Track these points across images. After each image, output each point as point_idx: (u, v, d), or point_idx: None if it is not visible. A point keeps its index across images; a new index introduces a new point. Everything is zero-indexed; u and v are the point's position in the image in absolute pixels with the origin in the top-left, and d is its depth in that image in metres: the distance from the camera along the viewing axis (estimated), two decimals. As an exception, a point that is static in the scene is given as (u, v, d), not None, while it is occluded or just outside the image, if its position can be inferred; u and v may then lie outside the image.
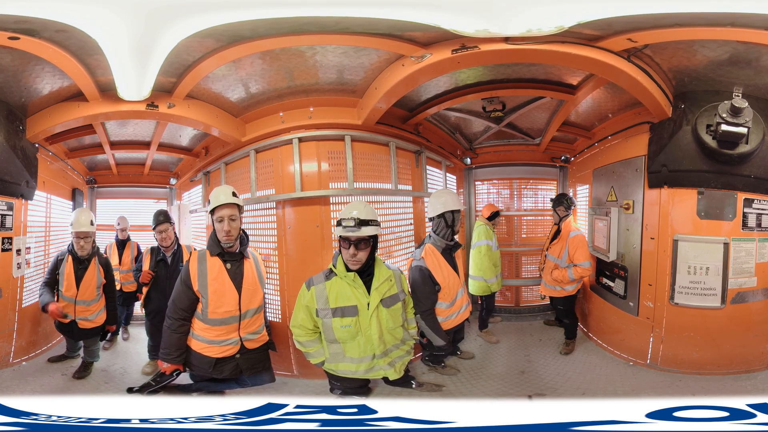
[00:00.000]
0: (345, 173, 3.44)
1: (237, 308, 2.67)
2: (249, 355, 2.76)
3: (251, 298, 2.75)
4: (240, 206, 2.70)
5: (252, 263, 2.82)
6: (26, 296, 3.58)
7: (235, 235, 2.66)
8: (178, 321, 2.66)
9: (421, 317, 3.02)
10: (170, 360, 2.66)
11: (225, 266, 2.68)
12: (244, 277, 2.72)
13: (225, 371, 2.69)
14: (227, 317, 2.65)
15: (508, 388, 3.26)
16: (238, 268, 2.72)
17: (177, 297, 2.68)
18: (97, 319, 3.49)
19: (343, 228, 2.50)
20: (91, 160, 4.57)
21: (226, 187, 2.74)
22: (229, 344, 2.67)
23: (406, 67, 2.83)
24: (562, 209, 4.08)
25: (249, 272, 2.77)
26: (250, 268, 2.79)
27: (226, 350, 2.67)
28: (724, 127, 2.86)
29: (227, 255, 2.70)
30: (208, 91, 3.26)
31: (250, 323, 2.75)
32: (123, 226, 4.31)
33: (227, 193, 2.67)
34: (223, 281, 2.66)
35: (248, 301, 2.73)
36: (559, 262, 4.00)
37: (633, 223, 3.58)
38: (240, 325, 2.69)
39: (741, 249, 3.14)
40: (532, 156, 4.70)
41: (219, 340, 2.65)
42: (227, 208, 2.63)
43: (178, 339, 2.66)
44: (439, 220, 3.22)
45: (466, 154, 4.80)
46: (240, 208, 2.70)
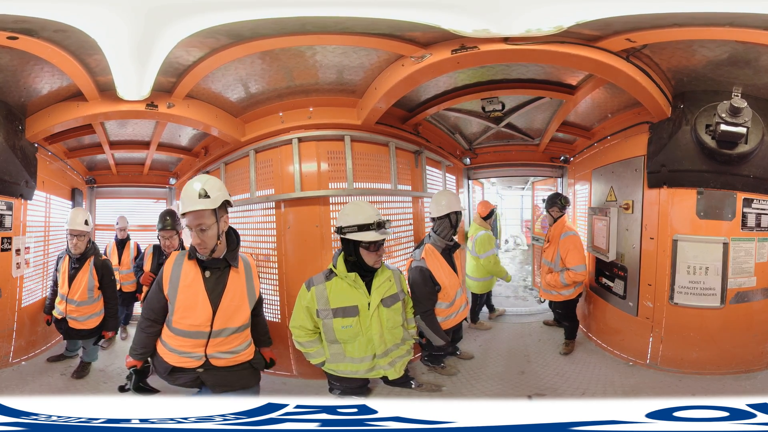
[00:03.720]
0: (344, 173, 3.44)
1: (208, 325, 2.19)
2: (217, 371, 2.30)
3: (231, 316, 2.26)
4: (218, 208, 2.16)
5: (241, 274, 2.33)
6: (26, 296, 3.58)
7: (210, 245, 2.17)
8: (147, 321, 2.33)
9: (421, 318, 3.02)
10: (133, 355, 2.35)
11: (203, 274, 2.22)
12: (225, 290, 2.24)
13: (181, 380, 2.32)
14: (192, 331, 2.19)
15: (507, 388, 3.26)
16: (219, 278, 2.25)
17: (149, 297, 2.35)
18: (87, 322, 3.42)
19: (383, 231, 2.54)
20: (90, 160, 4.56)
21: (195, 183, 2.16)
22: (189, 357, 2.21)
23: (405, 67, 2.83)
24: (555, 210, 3.97)
25: (234, 285, 2.28)
26: (238, 280, 2.31)
27: (185, 362, 2.23)
28: (723, 127, 2.86)
29: (207, 261, 2.23)
30: (208, 91, 3.26)
31: (223, 342, 2.25)
32: (122, 226, 4.31)
33: (192, 197, 2.13)
34: (196, 292, 2.19)
35: (226, 319, 2.24)
36: (552, 266, 3.91)
37: (632, 223, 3.58)
38: (208, 342, 2.21)
39: (740, 249, 3.15)
40: (532, 156, 4.71)
41: (179, 351, 2.21)
42: (193, 215, 2.13)
43: (145, 337, 2.32)
44: (443, 220, 3.23)
45: (465, 155, 4.80)
46: (219, 211, 2.17)
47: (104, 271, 3.49)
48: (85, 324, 3.42)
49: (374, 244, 2.53)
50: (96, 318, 3.47)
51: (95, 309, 3.46)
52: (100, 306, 3.49)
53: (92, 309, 3.44)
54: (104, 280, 3.48)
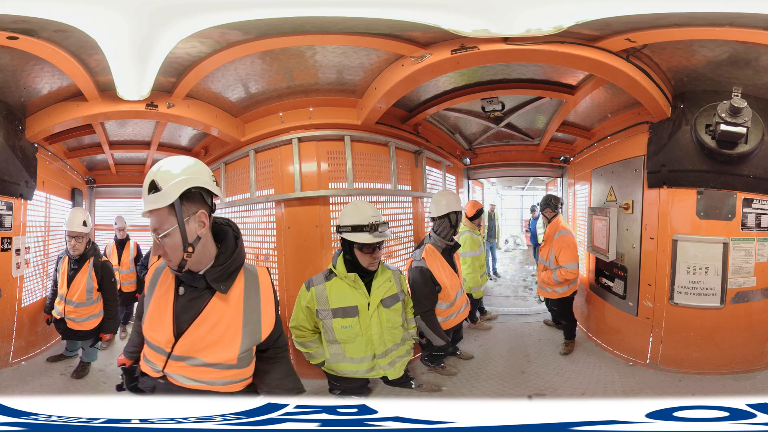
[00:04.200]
0: (344, 173, 3.44)
1: (168, 346, 1.64)
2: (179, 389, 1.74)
3: (205, 348, 1.61)
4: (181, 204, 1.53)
5: (236, 301, 1.62)
6: (25, 296, 3.58)
7: (174, 257, 1.55)
8: (138, 321, 1.91)
9: (422, 318, 3.02)
10: (125, 354, 1.99)
11: (176, 289, 1.66)
12: (199, 318, 1.60)
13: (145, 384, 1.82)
14: (153, 343, 1.70)
15: (507, 388, 3.26)
16: (195, 300, 1.61)
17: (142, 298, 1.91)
18: (85, 324, 3.42)
19: (379, 234, 2.49)
20: (90, 160, 4.57)
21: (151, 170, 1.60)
22: (150, 366, 1.72)
23: (405, 67, 2.83)
24: (549, 211, 4.06)
25: (216, 314, 1.60)
26: (225, 309, 1.61)
27: (148, 369, 1.75)
28: (723, 127, 2.86)
29: (183, 276, 1.62)
30: (208, 91, 3.26)
31: (190, 369, 1.64)
32: (120, 226, 4.31)
33: (144, 191, 1.59)
34: (163, 308, 1.66)
35: (194, 350, 1.61)
36: (547, 264, 3.97)
37: (632, 223, 3.58)
38: (167, 362, 1.65)
39: (740, 249, 3.15)
40: (532, 156, 4.71)
41: (146, 358, 1.75)
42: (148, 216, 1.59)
43: (136, 336, 1.97)
44: (443, 220, 3.23)
45: (465, 155, 4.80)
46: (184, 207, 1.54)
47: (104, 273, 3.47)
48: (83, 325, 3.42)
49: (368, 246, 2.51)
50: (94, 320, 3.46)
51: (94, 310, 3.46)
52: (99, 308, 3.48)
53: (90, 310, 3.44)
54: (104, 281, 3.47)
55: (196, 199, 1.58)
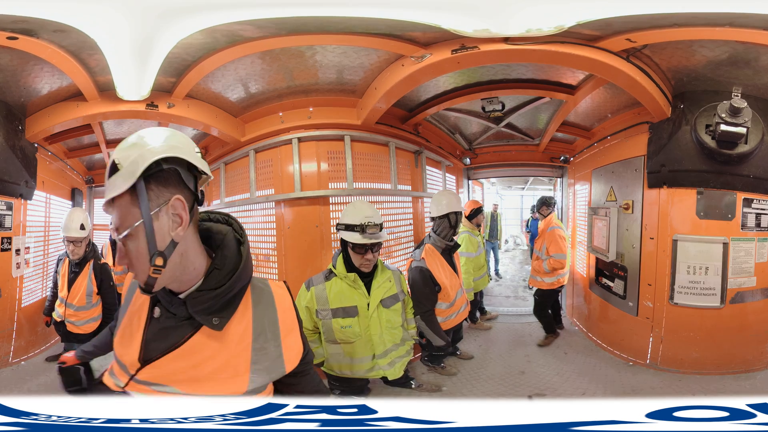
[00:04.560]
0: (344, 173, 3.44)
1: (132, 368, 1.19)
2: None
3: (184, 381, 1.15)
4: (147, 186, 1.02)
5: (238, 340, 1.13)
6: (25, 296, 3.58)
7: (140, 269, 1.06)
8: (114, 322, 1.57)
9: (421, 318, 3.02)
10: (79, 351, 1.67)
11: (151, 309, 1.19)
12: (176, 351, 1.13)
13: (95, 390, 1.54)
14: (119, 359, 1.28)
15: (507, 388, 3.26)
16: (174, 330, 1.14)
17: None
18: (85, 326, 3.41)
19: (368, 235, 2.45)
20: (89, 160, 4.56)
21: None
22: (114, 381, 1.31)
23: (405, 67, 2.83)
24: (544, 209, 4.39)
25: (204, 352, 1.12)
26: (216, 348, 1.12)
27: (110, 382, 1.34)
28: (723, 127, 2.87)
29: (161, 294, 1.15)
30: (208, 91, 3.25)
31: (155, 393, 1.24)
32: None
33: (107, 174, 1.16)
34: (135, 328, 1.21)
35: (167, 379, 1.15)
36: (540, 255, 4.27)
37: (632, 223, 3.58)
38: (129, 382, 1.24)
39: (740, 249, 3.15)
40: (532, 156, 4.71)
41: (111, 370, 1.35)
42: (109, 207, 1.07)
43: (104, 337, 1.78)
44: (443, 220, 3.23)
45: (465, 155, 4.80)
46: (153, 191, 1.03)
47: (103, 276, 3.45)
48: (83, 328, 3.42)
49: (359, 247, 2.49)
50: (94, 323, 3.45)
51: (93, 314, 3.45)
52: (98, 311, 3.46)
53: (90, 314, 3.43)
54: (103, 284, 3.45)
55: (170, 182, 1.04)
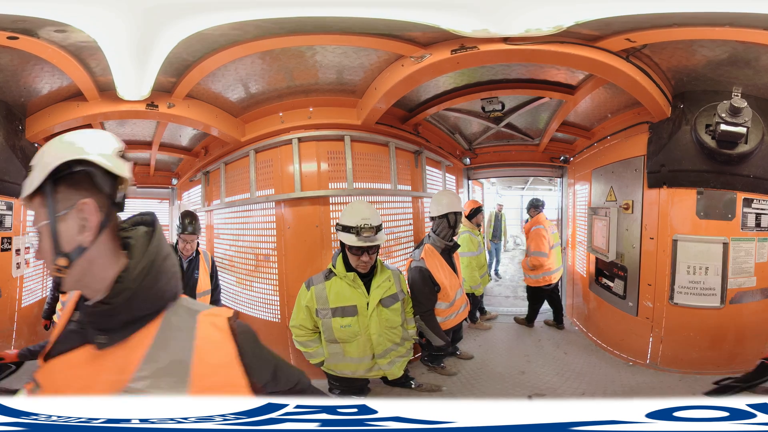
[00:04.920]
0: (344, 173, 3.44)
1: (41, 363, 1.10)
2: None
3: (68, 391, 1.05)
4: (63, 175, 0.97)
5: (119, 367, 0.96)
6: (25, 296, 3.57)
7: (68, 277, 0.98)
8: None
9: (421, 318, 3.02)
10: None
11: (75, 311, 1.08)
12: (65, 356, 1.04)
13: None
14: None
15: (507, 388, 3.26)
16: (74, 335, 1.04)
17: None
18: None
19: (363, 238, 2.44)
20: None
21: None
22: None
23: (405, 67, 2.83)
24: (533, 210, 4.62)
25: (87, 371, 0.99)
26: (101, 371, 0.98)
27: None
28: (723, 127, 2.86)
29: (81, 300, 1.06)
30: (208, 91, 3.26)
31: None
32: None
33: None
34: (58, 327, 1.13)
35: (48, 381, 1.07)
36: (527, 253, 4.51)
37: (632, 223, 3.58)
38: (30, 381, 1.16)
39: (740, 249, 3.15)
40: (532, 156, 4.71)
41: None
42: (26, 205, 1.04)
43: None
44: (442, 220, 3.23)
45: (465, 155, 4.80)
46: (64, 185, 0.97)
47: None
48: None
49: (356, 248, 2.49)
50: None
51: None
52: None
53: None
54: None
55: (81, 185, 0.97)
